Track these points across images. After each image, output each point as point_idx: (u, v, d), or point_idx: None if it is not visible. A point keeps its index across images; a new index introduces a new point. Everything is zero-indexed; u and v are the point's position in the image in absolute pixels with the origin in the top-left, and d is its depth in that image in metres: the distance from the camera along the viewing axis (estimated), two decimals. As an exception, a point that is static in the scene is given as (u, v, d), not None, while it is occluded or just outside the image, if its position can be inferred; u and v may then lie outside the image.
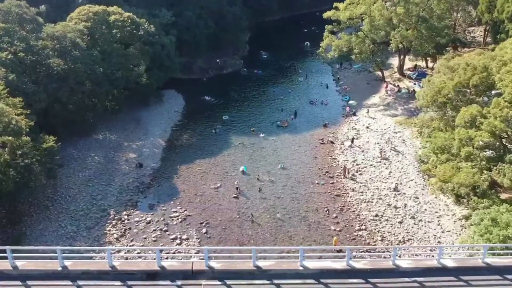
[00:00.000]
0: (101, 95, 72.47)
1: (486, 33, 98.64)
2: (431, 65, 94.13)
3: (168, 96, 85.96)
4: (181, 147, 72.61)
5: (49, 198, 57.21)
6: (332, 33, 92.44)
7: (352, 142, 72.31)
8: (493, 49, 69.81)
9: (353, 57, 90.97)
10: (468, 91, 59.01)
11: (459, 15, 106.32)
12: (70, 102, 66.86)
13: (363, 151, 70.21)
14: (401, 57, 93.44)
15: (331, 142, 73.54)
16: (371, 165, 66.42)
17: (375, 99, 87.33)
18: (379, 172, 64.51)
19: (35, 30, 67.53)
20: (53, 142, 56.79)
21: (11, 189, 49.54)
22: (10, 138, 50.95)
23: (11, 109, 53.64)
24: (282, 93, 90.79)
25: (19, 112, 54.64)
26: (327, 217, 56.32)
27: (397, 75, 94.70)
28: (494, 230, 42.85)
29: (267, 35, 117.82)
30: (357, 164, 66.68)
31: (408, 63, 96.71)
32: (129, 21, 78.67)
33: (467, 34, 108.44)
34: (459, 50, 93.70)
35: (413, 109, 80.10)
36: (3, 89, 55.57)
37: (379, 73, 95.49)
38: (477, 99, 57.85)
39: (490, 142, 52.21)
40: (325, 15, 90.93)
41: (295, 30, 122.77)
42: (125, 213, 56.34)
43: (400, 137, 73.30)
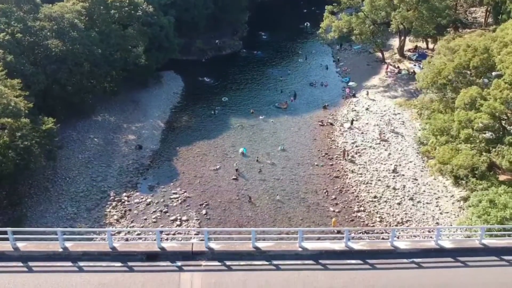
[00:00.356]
0: (99, 76, 72.13)
1: (488, 13, 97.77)
2: (431, 46, 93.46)
3: (167, 77, 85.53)
4: (180, 128, 72.56)
5: (49, 180, 57.38)
6: (332, 13, 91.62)
7: (352, 124, 72.26)
8: (494, 30, 69.31)
9: (353, 38, 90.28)
10: (468, 72, 58.74)
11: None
12: (68, 84, 66.55)
13: (362, 132, 70.21)
14: (402, 38, 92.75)
15: (331, 124, 73.49)
16: (370, 147, 66.50)
17: (375, 80, 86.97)
18: (378, 154, 64.63)
19: (32, 11, 66.86)
20: (52, 123, 56.74)
21: (11, 170, 49.69)
22: (9, 120, 50.89)
23: (9, 90, 53.42)
24: (281, 75, 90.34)
25: (17, 93, 54.41)
26: (326, 198, 56.61)
27: (397, 56, 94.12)
28: (492, 212, 43.14)
29: (266, 15, 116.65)
30: (356, 146, 66.76)
31: (409, 44, 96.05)
32: (127, 1, 77.84)
33: (468, 14, 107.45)
34: (460, 31, 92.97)
35: (413, 91, 79.85)
36: (1, 70, 55.24)
37: (379, 54, 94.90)
38: (477, 81, 57.62)
39: (489, 124, 52.16)
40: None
41: (295, 11, 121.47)
42: (125, 194, 56.58)
43: (399, 118, 73.24)
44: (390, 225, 51.95)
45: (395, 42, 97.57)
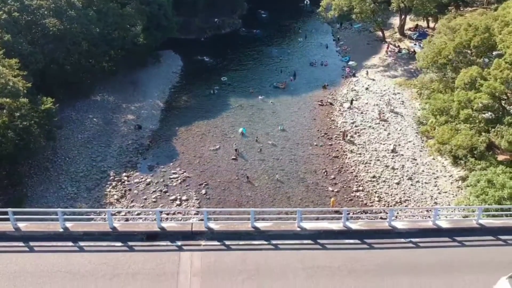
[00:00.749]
0: (98, 56, 71.63)
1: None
2: (432, 25, 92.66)
3: (166, 57, 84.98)
4: (179, 108, 72.40)
5: (49, 160, 57.49)
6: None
7: (351, 104, 72.11)
8: (495, 9, 68.57)
9: (353, 16, 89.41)
10: (469, 52, 58.37)
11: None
12: (67, 63, 66.14)
13: (362, 112, 70.12)
14: (402, 17, 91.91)
15: (330, 104, 73.34)
16: (370, 126, 66.49)
17: (375, 60, 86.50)
18: (378, 134, 64.67)
19: (29, -11, 66.01)
20: (51, 103, 56.52)
21: (10, 151, 49.75)
22: (8, 100, 50.73)
23: (7, 70, 53.13)
24: (281, 54, 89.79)
25: (15, 73, 54.11)
26: (325, 178, 56.84)
27: (397, 35, 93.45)
28: (490, 191, 43.39)
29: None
30: (355, 126, 66.74)
31: (409, 23, 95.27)
32: (125, -21, 76.93)
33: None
34: (461, 9, 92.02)
35: (413, 70, 79.50)
36: (-1, 50, 54.94)
37: (379, 33, 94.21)
38: (477, 61, 57.31)
39: (489, 104, 52.06)
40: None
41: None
42: (124, 174, 56.77)
43: (399, 98, 73.08)
44: (388, 204, 52.29)
45: (395, 21, 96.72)
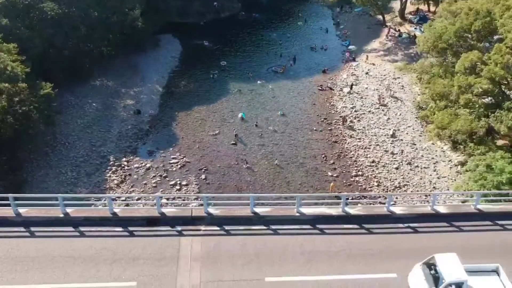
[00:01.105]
0: (96, 40, 71.14)
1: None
2: (433, 9, 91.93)
3: (165, 41, 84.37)
4: (179, 93, 72.16)
5: (48, 145, 57.51)
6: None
7: (351, 88, 71.91)
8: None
9: (353, 0, 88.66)
10: (470, 36, 57.99)
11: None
12: (65, 48, 65.73)
13: (361, 97, 69.97)
14: (403, 0, 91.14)
15: (330, 89, 73.13)
16: (370, 111, 66.43)
17: (375, 44, 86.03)
18: (377, 119, 64.64)
19: (26, -28, 65.35)
20: (50, 88, 56.35)
21: (10, 136, 49.79)
22: (7, 84, 50.58)
23: (6, 55, 52.89)
24: (280, 38, 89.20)
25: (14, 58, 53.86)
26: (325, 163, 56.98)
27: (398, 19, 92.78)
28: (488, 176, 43.54)
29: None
30: (355, 111, 66.67)
31: (410, 7, 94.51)
32: (123, -38, 75.98)
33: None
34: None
35: (413, 55, 79.14)
36: (-3, 34, 54.64)
37: (380, 17, 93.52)
38: (478, 45, 56.99)
39: (489, 89, 51.95)
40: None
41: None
42: (124, 159, 56.85)
43: (399, 83, 72.88)
44: (387, 189, 52.53)
45: (396, 5, 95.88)
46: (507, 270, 23.68)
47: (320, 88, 73.18)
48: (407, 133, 61.45)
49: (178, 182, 53.54)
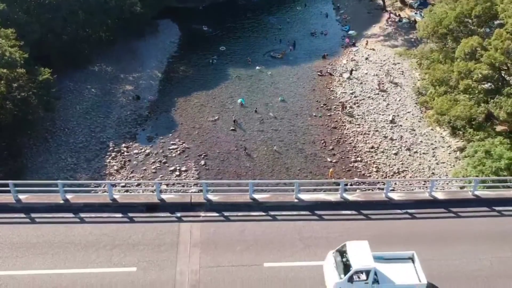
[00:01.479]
0: (95, 25, 70.80)
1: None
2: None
3: (164, 26, 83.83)
4: (178, 79, 71.95)
5: (48, 131, 57.53)
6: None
7: (351, 74, 71.69)
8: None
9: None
10: (470, 21, 57.65)
11: None
12: (63, 33, 65.40)
13: (361, 83, 69.79)
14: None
15: (330, 74, 72.89)
16: (369, 97, 66.32)
17: (375, 29, 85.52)
18: (377, 104, 64.57)
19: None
20: (48, 74, 56.21)
21: (9, 122, 49.78)
22: (5, 70, 50.43)
23: (3, 40, 52.63)
24: (280, 23, 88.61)
25: (12, 43, 53.63)
26: (324, 149, 57.09)
27: (398, 4, 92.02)
28: (487, 162, 43.58)
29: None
30: (355, 97, 66.54)
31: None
32: None
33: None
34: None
35: (413, 40, 78.74)
36: (-6, 19, 54.29)
37: (380, 1, 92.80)
38: (479, 30, 56.69)
39: (489, 75, 51.82)
40: None
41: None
42: (124, 145, 56.92)
43: (399, 68, 72.64)
44: (386, 175, 52.71)
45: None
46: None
47: (320, 74, 72.95)
48: (406, 119, 61.44)
49: (178, 168, 53.70)
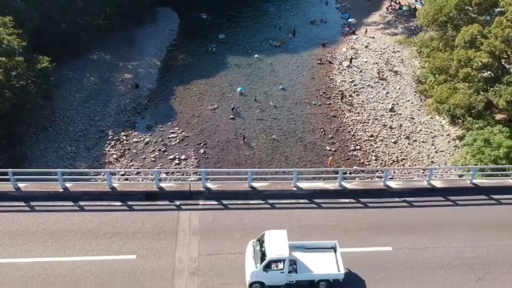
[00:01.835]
0: (93, 13, 70.28)
1: None
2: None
3: (162, 13, 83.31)
4: (177, 67, 71.69)
5: (47, 119, 57.46)
6: None
7: (351, 62, 71.46)
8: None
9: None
10: (470, 9, 57.40)
11: None
12: (62, 21, 65.00)
13: (361, 71, 69.61)
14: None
15: (329, 62, 72.66)
16: (369, 85, 66.18)
17: (375, 17, 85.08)
18: (376, 93, 64.47)
19: None
20: (47, 62, 55.99)
21: (8, 110, 49.69)
22: (3, 58, 50.19)
23: (2, 28, 52.32)
24: (279, 11, 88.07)
25: (10, 31, 53.29)
26: (323, 137, 57.12)
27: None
28: (486, 151, 43.73)
29: None
30: (354, 85, 66.41)
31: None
32: None
33: None
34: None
35: (413, 28, 78.41)
36: (-8, 7, 53.92)
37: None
38: (479, 18, 56.44)
39: (488, 63, 51.72)
40: None
41: None
42: (123, 134, 56.93)
43: (399, 56, 72.40)
44: (385, 163, 52.81)
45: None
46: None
47: (319, 62, 72.72)
48: (406, 107, 61.39)
49: (177, 157, 53.78)
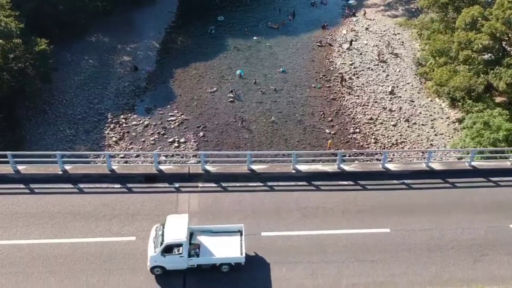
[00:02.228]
0: (91, -6, 69.72)
1: None
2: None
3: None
4: (176, 49, 71.25)
5: (46, 102, 57.29)
6: None
7: (351, 45, 71.02)
8: None
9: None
10: (472, -10, 56.92)
11: None
12: (60, 3, 64.41)
13: (361, 53, 69.22)
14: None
15: (329, 45, 72.21)
16: (369, 68, 65.88)
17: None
18: (376, 75, 64.20)
19: None
20: (45, 45, 55.66)
21: (7, 93, 49.53)
22: (1, 41, 49.88)
23: (-2, 10, 51.97)
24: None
25: (7, 13, 52.89)
26: (323, 120, 57.05)
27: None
28: (485, 133, 43.72)
29: None
30: (354, 68, 66.10)
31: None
32: None
33: None
34: None
35: (414, 10, 77.78)
36: (-12, -11, 53.37)
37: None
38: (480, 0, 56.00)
39: (489, 45, 51.41)
40: None
41: None
42: (122, 116, 56.81)
43: (399, 39, 71.93)
44: (385, 146, 52.84)
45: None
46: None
47: (319, 44, 72.27)
48: (405, 90, 61.20)
49: (176, 140, 53.77)
